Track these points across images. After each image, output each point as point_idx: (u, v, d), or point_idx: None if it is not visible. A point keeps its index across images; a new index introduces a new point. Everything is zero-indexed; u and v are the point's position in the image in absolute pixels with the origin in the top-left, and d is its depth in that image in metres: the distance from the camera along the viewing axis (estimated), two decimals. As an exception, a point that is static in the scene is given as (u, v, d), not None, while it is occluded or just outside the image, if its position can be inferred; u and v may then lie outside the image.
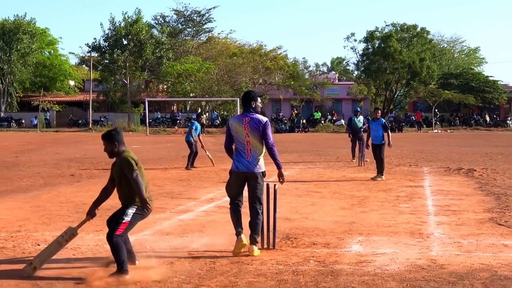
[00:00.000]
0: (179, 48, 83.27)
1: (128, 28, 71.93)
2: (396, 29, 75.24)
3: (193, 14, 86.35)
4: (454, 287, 7.58)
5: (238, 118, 9.67)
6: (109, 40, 73.47)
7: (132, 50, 71.44)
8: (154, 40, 73.83)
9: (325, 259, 9.04)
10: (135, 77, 73.73)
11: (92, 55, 75.51)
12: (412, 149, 34.04)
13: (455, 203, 14.60)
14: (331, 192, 16.90)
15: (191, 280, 7.95)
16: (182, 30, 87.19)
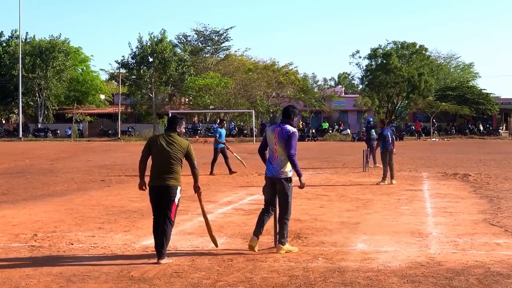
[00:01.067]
0: (200, 64, 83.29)
1: (153, 46, 72.13)
2: (397, 46, 74.96)
3: (212, 34, 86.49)
4: (450, 282, 7.54)
5: (272, 128, 9.86)
6: (136, 58, 73.62)
7: (157, 67, 71.55)
8: (177, 57, 73.92)
9: (332, 257, 9.03)
10: (159, 91, 73.85)
11: (121, 71, 75.79)
12: (412, 156, 33.87)
13: (451, 205, 14.53)
14: (338, 195, 16.85)
15: (210, 276, 7.95)
16: (202, 48, 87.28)
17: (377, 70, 72.04)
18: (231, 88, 73.17)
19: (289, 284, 7.53)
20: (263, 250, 9.56)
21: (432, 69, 77.47)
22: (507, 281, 7.57)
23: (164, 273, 8.08)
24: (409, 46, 74.87)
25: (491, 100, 75.94)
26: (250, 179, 21.88)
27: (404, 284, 7.47)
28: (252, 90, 73.67)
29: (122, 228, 11.58)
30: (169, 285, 7.53)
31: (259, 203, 14.98)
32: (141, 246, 9.93)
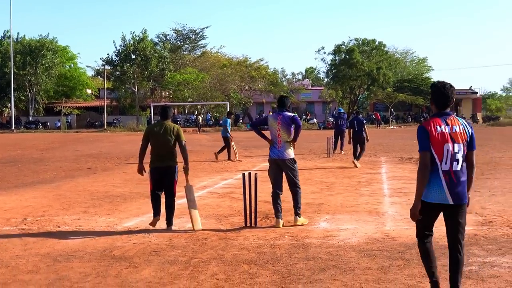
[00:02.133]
0: (179, 61, 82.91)
1: (136, 45, 71.64)
2: (359, 43, 75.27)
3: (190, 33, 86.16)
4: (403, 255, 7.61)
5: (274, 116, 10.41)
6: (120, 55, 73.00)
7: (139, 63, 71.06)
8: (158, 55, 73.41)
9: (297, 235, 9.07)
10: (142, 86, 73.39)
11: (106, 67, 75.31)
12: (372, 143, 33.86)
13: (406, 186, 14.62)
14: (304, 179, 16.82)
15: (186, 253, 7.95)
16: (180, 46, 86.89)
17: (340, 64, 72.41)
18: (208, 82, 73.18)
19: (257, 260, 7.56)
20: (234, 229, 9.59)
21: (390, 63, 78.09)
22: (454, 254, 7.65)
23: (143, 252, 8.07)
24: (369, 43, 75.32)
25: (443, 91, 76.67)
26: (224, 165, 21.85)
27: (362, 258, 7.52)
28: (227, 84, 73.77)
29: (106, 212, 11.53)
30: (147, 262, 7.52)
31: (232, 186, 15.07)
32: (123, 228, 9.89)
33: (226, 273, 6.97)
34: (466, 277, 6.56)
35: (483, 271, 6.82)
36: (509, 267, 6.96)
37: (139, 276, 6.90)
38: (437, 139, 5.61)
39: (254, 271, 7.03)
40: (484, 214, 10.51)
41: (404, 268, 7.01)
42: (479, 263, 7.19)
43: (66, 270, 7.25)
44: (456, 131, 5.70)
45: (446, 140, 5.62)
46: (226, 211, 11.39)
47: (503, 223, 9.64)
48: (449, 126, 5.69)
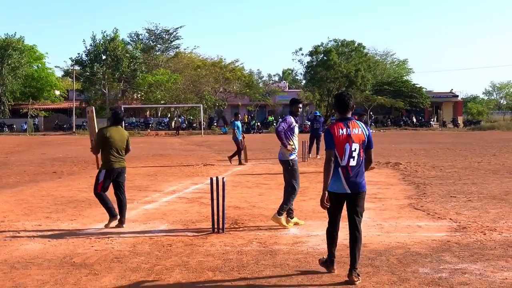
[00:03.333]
0: (151, 62, 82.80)
1: (106, 45, 71.46)
2: (337, 44, 75.65)
3: (163, 33, 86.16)
4: (373, 262, 7.65)
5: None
6: (90, 55, 72.81)
7: (110, 64, 70.93)
8: (129, 55, 73.31)
9: (266, 241, 9.07)
10: (112, 87, 73.25)
11: (75, 68, 74.97)
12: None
13: (381, 192, 14.71)
14: (277, 184, 16.88)
15: (149, 260, 7.92)
16: (153, 46, 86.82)
17: (318, 66, 72.66)
18: (181, 84, 73.10)
19: (223, 267, 7.55)
20: (201, 235, 9.57)
21: (369, 65, 78.56)
22: (424, 260, 7.71)
23: (105, 259, 8.02)
24: (348, 44, 75.74)
25: (423, 94, 77.62)
26: (195, 169, 21.82)
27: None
28: (201, 85, 73.76)
29: (69, 217, 11.45)
30: (109, 270, 7.48)
31: (202, 191, 15.07)
32: (85, 234, 9.83)
33: (189, 280, 6.95)
34: (435, 284, 6.62)
35: (453, 278, 6.87)
36: (480, 274, 7.01)
37: (98, 284, 6.86)
38: (338, 140, 6.96)
39: (218, 278, 7.03)
40: (459, 220, 10.59)
41: (373, 275, 7.04)
42: (449, 270, 7.23)
43: (23, 277, 7.18)
44: (355, 133, 7.02)
45: (346, 140, 6.96)
46: (193, 217, 11.36)
47: (477, 229, 9.72)
48: (349, 129, 7.02)
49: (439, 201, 12.96)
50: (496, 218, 10.73)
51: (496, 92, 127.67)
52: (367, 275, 7.07)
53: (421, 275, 7.01)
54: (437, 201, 13.04)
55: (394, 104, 71.62)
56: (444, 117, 79.63)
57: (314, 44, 76.05)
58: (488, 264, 7.50)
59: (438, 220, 10.75)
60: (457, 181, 16.75)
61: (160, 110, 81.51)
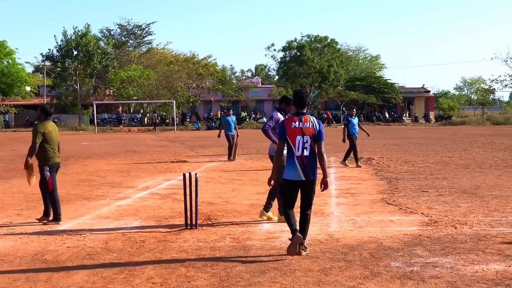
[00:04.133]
0: (123, 57, 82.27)
1: (78, 40, 70.83)
2: (311, 39, 75.81)
3: (135, 28, 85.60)
4: (345, 257, 7.69)
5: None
6: (61, 51, 72.06)
7: (81, 60, 70.30)
8: (101, 51, 72.71)
9: (239, 237, 9.08)
10: (84, 83, 72.62)
11: (46, 64, 74.29)
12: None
13: (354, 187, 14.80)
14: (250, 179, 16.94)
15: (121, 257, 7.89)
16: (125, 42, 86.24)
17: (291, 61, 72.78)
18: (153, 79, 72.76)
19: (196, 262, 7.53)
20: (174, 231, 9.55)
21: (342, 60, 78.89)
22: (396, 254, 7.77)
23: (77, 256, 7.98)
24: (321, 40, 75.90)
25: (395, 89, 78.07)
26: (169, 165, 21.76)
27: (303, 260, 7.57)
28: (173, 81, 73.49)
29: (40, 214, 11.32)
30: (81, 266, 7.44)
31: (175, 187, 15.04)
32: (57, 231, 9.76)
33: (162, 276, 6.94)
34: (407, 278, 6.68)
35: (424, 271, 6.94)
36: (451, 268, 7.09)
37: (71, 281, 6.83)
38: (291, 132, 7.86)
39: (192, 274, 7.02)
40: (430, 214, 10.69)
41: (346, 270, 7.08)
42: (421, 263, 7.30)
43: (-6, 275, 7.13)
44: (306, 127, 7.87)
45: (298, 133, 7.84)
46: (167, 213, 11.33)
47: (449, 223, 9.82)
48: (302, 123, 7.87)
49: (411, 196, 13.07)
50: (467, 212, 10.85)
51: (467, 88, 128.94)
52: (340, 269, 7.12)
53: (393, 269, 7.07)
54: (409, 195, 13.15)
55: (367, 99, 71.94)
56: (416, 112, 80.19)
57: (287, 40, 76.16)
58: (459, 257, 7.59)
59: (410, 214, 10.84)
60: (428, 176, 16.90)
61: (133, 106, 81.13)
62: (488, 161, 20.92)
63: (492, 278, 6.67)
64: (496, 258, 7.53)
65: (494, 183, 14.96)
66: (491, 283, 6.47)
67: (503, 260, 7.45)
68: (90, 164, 22.51)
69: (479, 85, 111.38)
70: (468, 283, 6.49)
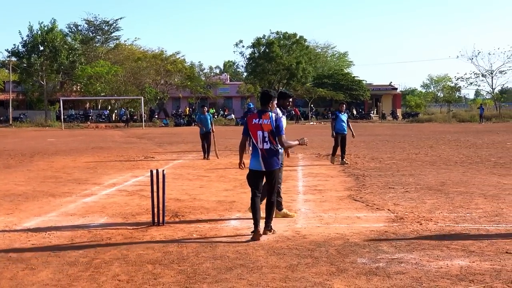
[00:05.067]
0: (90, 53, 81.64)
1: (44, 35, 70.03)
2: (279, 36, 75.93)
3: (102, 24, 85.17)
4: (312, 253, 7.72)
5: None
6: (27, 46, 71.24)
7: (48, 55, 69.52)
8: (68, 46, 72.00)
9: (206, 233, 9.07)
10: (50, 79, 71.86)
11: (12, 59, 73.40)
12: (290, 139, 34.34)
13: (321, 184, 14.85)
14: (218, 176, 16.93)
15: (87, 254, 7.83)
16: (93, 37, 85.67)
17: (260, 58, 72.79)
18: (121, 76, 72.27)
19: (162, 259, 7.52)
20: (141, 228, 9.51)
21: (311, 58, 79.12)
22: (362, 251, 7.82)
23: (42, 253, 7.90)
24: (290, 37, 76.05)
25: (363, 87, 78.68)
26: (136, 162, 21.66)
27: (270, 257, 7.58)
28: (141, 77, 73.19)
29: (5, 211, 11.23)
30: (46, 264, 7.37)
31: (142, 184, 14.97)
32: (22, 228, 9.65)
33: (128, 273, 6.90)
34: (373, 274, 6.72)
35: (390, 267, 6.99)
36: (417, 264, 7.15)
37: (35, 279, 6.76)
38: (252, 128, 8.86)
39: (158, 271, 6.99)
40: (396, 210, 10.78)
41: (313, 266, 7.11)
42: (386, 259, 7.36)
43: (-43, 273, 7.03)
44: (265, 123, 8.74)
45: (258, 128, 8.78)
46: (134, 210, 11.27)
47: (414, 219, 9.91)
48: (261, 119, 8.78)
49: (377, 193, 13.16)
50: (432, 209, 10.96)
51: (433, 85, 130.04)
52: (307, 265, 7.14)
53: (359, 265, 7.11)
54: (375, 192, 13.24)
55: (335, 96, 72.32)
56: (384, 109, 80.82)
57: (256, 36, 76.18)
58: (424, 253, 7.66)
59: (377, 211, 10.92)
60: (395, 172, 17.04)
61: (100, 102, 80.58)
62: (453, 158, 21.17)
63: (456, 273, 6.75)
64: (460, 254, 7.62)
65: (459, 180, 15.14)
66: (455, 279, 6.55)
67: (467, 255, 7.54)
68: (57, 160, 22.32)
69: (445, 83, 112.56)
70: (432, 278, 6.56)
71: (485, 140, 31.79)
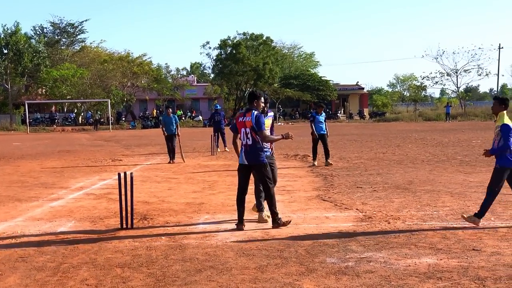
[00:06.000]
0: (56, 56, 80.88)
1: (7, 38, 69.18)
2: (246, 37, 75.96)
3: (68, 26, 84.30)
4: (281, 254, 7.73)
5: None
6: (-10, 49, 70.39)
7: (12, 58, 68.68)
8: (32, 49, 71.20)
9: (175, 235, 9.04)
10: (15, 82, 70.96)
11: (-25, 63, 72.45)
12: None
13: (290, 184, 14.88)
14: (186, 178, 16.88)
15: (55, 259, 7.76)
16: (58, 40, 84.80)
17: (226, 59, 72.74)
18: (87, 78, 71.61)
19: (131, 263, 7.48)
20: (110, 231, 9.45)
21: (277, 58, 79.28)
22: (331, 250, 7.86)
23: (9, 258, 7.81)
24: (257, 37, 76.11)
25: (330, 87, 79.06)
26: (104, 164, 21.51)
27: (239, 258, 7.59)
28: (108, 80, 72.56)
29: None
30: (13, 269, 7.29)
31: (110, 187, 14.88)
32: (-12, 234, 9.54)
33: (97, 278, 6.86)
34: (342, 273, 6.76)
35: (359, 266, 7.04)
36: (385, 262, 7.21)
37: (3, 284, 6.68)
38: (238, 125, 9.59)
39: (127, 274, 6.95)
40: (365, 210, 10.85)
41: (282, 267, 7.12)
42: (355, 258, 7.40)
43: None
44: (247, 120, 9.42)
45: (242, 126, 9.50)
46: (102, 213, 11.19)
47: (382, 218, 9.99)
48: (245, 117, 9.48)
49: (346, 192, 13.23)
50: (400, 207, 11.06)
51: (399, 85, 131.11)
52: (276, 266, 7.15)
53: (328, 265, 7.15)
54: (344, 192, 13.31)
55: (302, 96, 72.58)
56: (351, 109, 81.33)
57: (222, 38, 76.15)
58: (392, 252, 7.72)
59: (345, 210, 10.98)
60: (363, 172, 17.15)
61: (67, 105, 79.80)
62: (420, 157, 21.36)
63: (424, 271, 6.82)
64: (428, 252, 7.70)
65: (426, 178, 15.28)
66: (423, 276, 6.61)
67: (434, 253, 7.62)
68: (23, 164, 22.09)
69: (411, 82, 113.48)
70: (401, 276, 6.62)
71: (451, 138, 32.13)
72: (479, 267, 6.98)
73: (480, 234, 8.71)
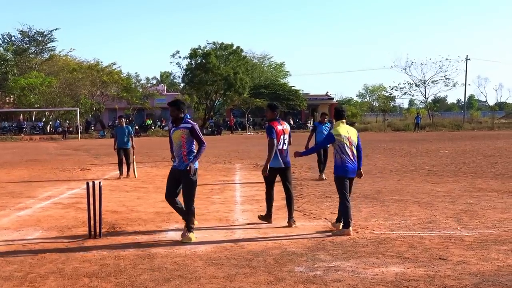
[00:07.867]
0: (24, 64, 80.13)
1: (-25, 47, 68.66)
2: (216, 47, 75.89)
3: (37, 35, 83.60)
4: (250, 263, 7.75)
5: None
6: (-44, 57, 69.68)
7: (-21, 67, 68.20)
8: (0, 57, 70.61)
9: (144, 245, 9.00)
10: (-19, 90, 70.42)
11: None
12: (227, 149, 34.45)
13: (259, 194, 14.86)
14: (156, 187, 16.82)
15: (22, 268, 7.69)
16: (26, 48, 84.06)
17: (196, 69, 72.55)
18: (56, 87, 71.02)
19: (99, 272, 7.44)
20: (78, 241, 9.39)
21: (247, 68, 79.22)
22: (300, 259, 7.89)
23: (-26, 268, 7.73)
24: (227, 47, 76.01)
25: (300, 96, 79.37)
26: (72, 174, 21.35)
27: (208, 267, 7.59)
28: (77, 89, 72.01)
29: None
30: (-21, 279, 7.23)
31: (78, 196, 14.76)
32: (-46, 243, 9.42)
33: (65, 287, 6.81)
34: (310, 282, 6.79)
35: (327, 275, 7.08)
36: (353, 271, 7.26)
37: (-32, 295, 6.62)
38: (278, 132, 10.52)
39: (95, 284, 6.91)
40: (333, 219, 10.87)
41: (250, 276, 7.14)
42: (324, 268, 7.44)
43: None
44: (285, 128, 10.72)
45: (282, 132, 10.57)
46: (70, 222, 11.11)
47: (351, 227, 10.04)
48: (282, 126, 10.65)
49: (314, 202, 13.31)
50: (368, 217, 11.15)
51: (369, 95, 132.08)
52: (245, 275, 7.16)
53: (296, 274, 7.18)
54: (313, 201, 13.38)
55: (271, 106, 72.68)
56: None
57: (192, 47, 75.96)
58: (360, 261, 7.78)
59: (314, 220, 11.05)
60: (332, 182, 17.08)
61: (35, 114, 79.04)
62: (388, 167, 21.54)
63: (391, 280, 6.88)
64: (395, 261, 7.77)
65: (394, 188, 15.42)
66: (390, 285, 6.67)
67: (402, 262, 7.70)
68: (-11, 174, 21.84)
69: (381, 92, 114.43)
70: (368, 285, 6.67)
71: (419, 148, 32.43)
72: (446, 276, 7.06)
73: (446, 243, 8.82)
